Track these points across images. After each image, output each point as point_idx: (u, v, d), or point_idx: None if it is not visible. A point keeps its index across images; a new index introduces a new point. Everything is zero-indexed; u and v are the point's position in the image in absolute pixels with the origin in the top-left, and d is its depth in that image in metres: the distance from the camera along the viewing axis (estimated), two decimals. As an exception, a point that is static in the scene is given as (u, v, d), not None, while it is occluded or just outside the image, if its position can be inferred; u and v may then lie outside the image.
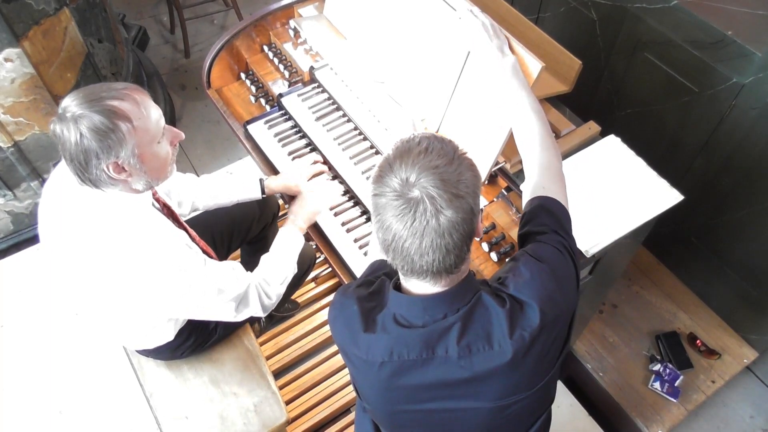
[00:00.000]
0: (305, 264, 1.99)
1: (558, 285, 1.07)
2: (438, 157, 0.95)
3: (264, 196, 1.90)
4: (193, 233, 1.68)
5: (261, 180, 1.88)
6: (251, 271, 1.63)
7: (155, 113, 1.34)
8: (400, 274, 1.05)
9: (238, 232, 2.00)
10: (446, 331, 1.02)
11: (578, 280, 1.16)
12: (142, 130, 1.30)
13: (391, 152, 0.99)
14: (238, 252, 2.21)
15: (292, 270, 1.71)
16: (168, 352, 1.80)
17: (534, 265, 1.08)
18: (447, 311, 1.02)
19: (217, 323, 1.83)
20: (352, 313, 1.09)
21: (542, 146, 1.28)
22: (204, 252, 1.71)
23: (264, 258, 1.68)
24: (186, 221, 1.76)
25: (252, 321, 2.24)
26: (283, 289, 1.67)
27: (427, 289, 1.03)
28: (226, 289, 1.50)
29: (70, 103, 1.26)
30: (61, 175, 1.45)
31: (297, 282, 2.06)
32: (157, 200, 1.55)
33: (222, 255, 1.92)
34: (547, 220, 1.18)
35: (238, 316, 1.57)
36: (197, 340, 1.81)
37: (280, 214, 2.29)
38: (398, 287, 1.09)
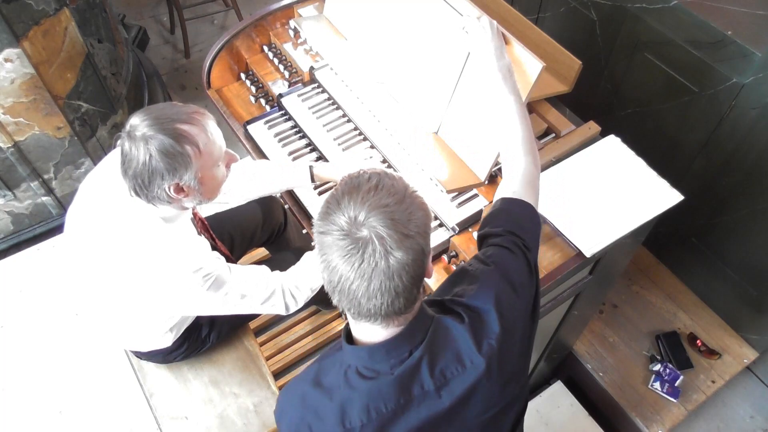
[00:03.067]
0: None
1: (510, 285, 1.07)
2: (388, 195, 0.90)
3: (314, 183, 1.84)
4: (217, 241, 1.70)
5: (310, 167, 1.81)
6: (280, 268, 1.64)
7: (219, 138, 1.38)
8: (349, 317, 1.00)
9: (241, 239, 2.00)
10: (416, 367, 0.98)
11: (535, 276, 1.15)
12: (207, 154, 1.34)
13: (339, 188, 0.93)
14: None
15: None
16: (160, 357, 1.82)
17: (483, 270, 1.08)
18: (410, 347, 0.99)
19: (210, 332, 1.85)
20: (304, 392, 1.04)
21: (523, 153, 1.28)
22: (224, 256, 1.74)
23: (305, 257, 1.66)
24: None
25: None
26: (311, 294, 1.66)
27: (379, 333, 0.98)
28: (248, 294, 1.52)
29: (140, 123, 1.28)
30: (110, 170, 1.47)
31: None
32: (195, 215, 1.59)
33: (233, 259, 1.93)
34: (504, 221, 1.18)
35: (259, 310, 1.58)
36: (190, 347, 1.82)
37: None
38: (350, 338, 1.03)
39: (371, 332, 0.99)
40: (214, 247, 1.68)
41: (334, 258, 0.89)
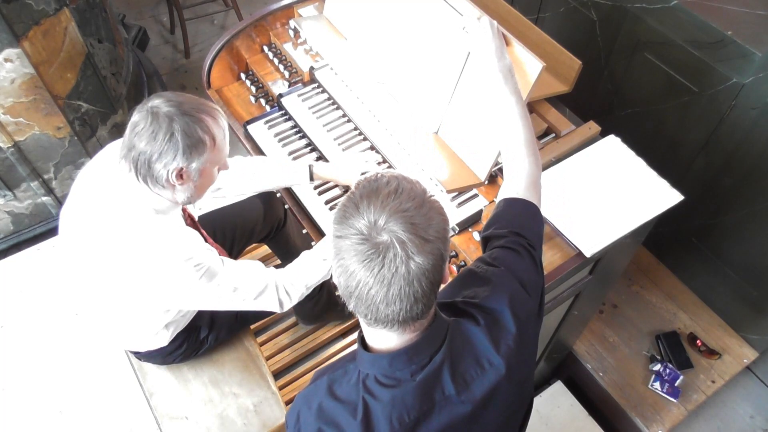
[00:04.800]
0: None
1: (521, 285, 1.08)
2: (408, 199, 0.89)
3: (312, 182, 1.85)
4: (208, 237, 1.70)
5: (310, 166, 1.82)
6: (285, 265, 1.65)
7: (227, 140, 1.42)
8: (363, 323, 0.98)
9: (241, 234, 2.01)
10: (437, 373, 0.97)
11: (541, 274, 1.16)
12: (218, 150, 1.39)
13: (357, 191, 0.91)
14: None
15: (323, 275, 1.67)
16: (159, 358, 1.82)
17: (493, 272, 1.09)
18: (430, 352, 0.97)
19: (209, 334, 1.85)
20: (321, 403, 1.00)
21: (525, 153, 1.28)
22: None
23: (303, 255, 1.66)
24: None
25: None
26: (307, 292, 1.65)
27: (394, 340, 0.97)
28: (240, 287, 1.52)
29: (162, 104, 1.31)
30: (100, 165, 1.48)
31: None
32: (183, 210, 1.59)
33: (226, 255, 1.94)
34: (507, 222, 1.18)
35: (252, 305, 1.58)
36: (189, 348, 1.82)
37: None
38: (365, 346, 1.01)
39: (386, 339, 0.98)
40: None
41: (351, 263, 0.87)
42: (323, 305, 2.25)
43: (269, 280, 1.58)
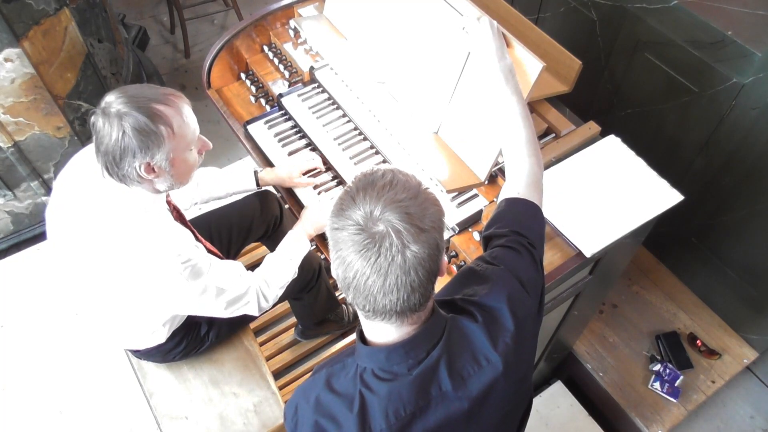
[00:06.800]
0: (310, 271, 2.00)
1: (520, 284, 1.08)
2: (403, 190, 0.91)
3: (259, 188, 1.92)
4: (198, 236, 1.69)
5: (255, 172, 1.90)
6: None
7: (193, 122, 1.40)
8: (362, 316, 0.99)
9: (238, 232, 2.01)
10: (434, 368, 0.98)
11: (541, 273, 1.16)
12: (180, 137, 1.35)
13: (353, 185, 0.93)
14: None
15: (293, 274, 1.72)
16: (159, 356, 1.81)
17: (493, 270, 1.09)
18: (427, 347, 0.98)
19: (209, 331, 1.85)
20: (318, 396, 1.01)
21: (526, 153, 1.28)
22: (209, 252, 1.73)
23: (268, 258, 1.70)
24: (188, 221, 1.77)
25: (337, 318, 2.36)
26: (280, 293, 1.69)
27: (392, 334, 0.97)
28: (226, 290, 1.53)
29: (115, 100, 1.29)
30: (80, 165, 1.48)
31: (306, 287, 2.06)
32: (168, 203, 1.59)
33: (223, 255, 1.94)
34: (509, 222, 1.18)
35: (225, 312, 1.58)
36: (189, 345, 1.82)
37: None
38: (363, 340, 1.01)
39: (384, 332, 0.98)
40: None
41: (349, 254, 0.88)
42: (323, 302, 2.24)
43: (252, 282, 1.60)
